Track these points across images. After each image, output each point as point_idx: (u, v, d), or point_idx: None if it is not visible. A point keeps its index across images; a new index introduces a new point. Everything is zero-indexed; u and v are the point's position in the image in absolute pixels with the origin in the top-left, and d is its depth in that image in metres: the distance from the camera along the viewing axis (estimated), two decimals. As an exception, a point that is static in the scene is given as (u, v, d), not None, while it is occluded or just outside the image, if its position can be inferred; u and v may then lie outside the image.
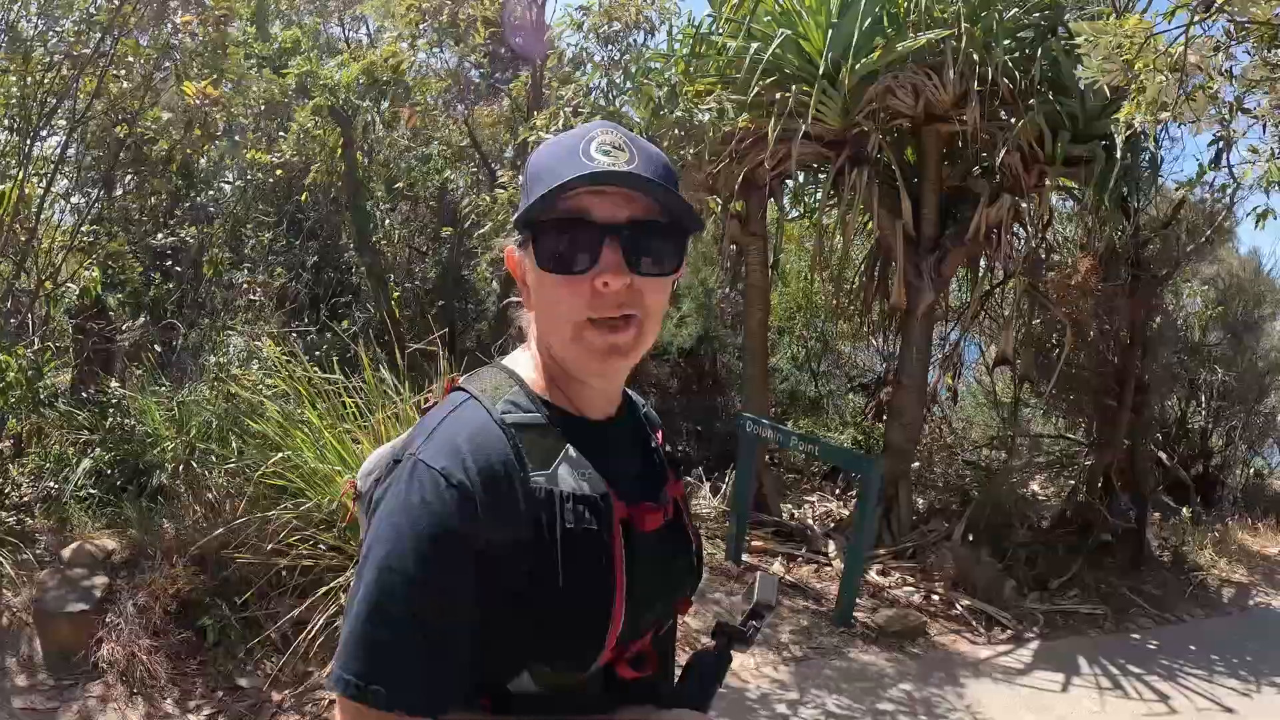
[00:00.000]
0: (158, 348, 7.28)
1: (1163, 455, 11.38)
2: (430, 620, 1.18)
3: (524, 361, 1.40)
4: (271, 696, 4.64)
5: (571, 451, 1.30)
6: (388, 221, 9.98)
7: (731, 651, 1.50)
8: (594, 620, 1.26)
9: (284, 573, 4.92)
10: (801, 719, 5.19)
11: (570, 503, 1.25)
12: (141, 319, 7.67)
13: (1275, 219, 5.86)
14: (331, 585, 4.66)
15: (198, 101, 6.68)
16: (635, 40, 7.16)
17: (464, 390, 1.34)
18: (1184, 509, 10.51)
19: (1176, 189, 9.14)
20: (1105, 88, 7.20)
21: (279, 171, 8.59)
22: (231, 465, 5.43)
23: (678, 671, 1.51)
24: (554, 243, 1.26)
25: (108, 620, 4.68)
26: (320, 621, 4.58)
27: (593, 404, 1.38)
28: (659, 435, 1.57)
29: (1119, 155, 7.14)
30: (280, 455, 5.00)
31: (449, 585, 1.19)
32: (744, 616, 1.58)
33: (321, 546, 4.87)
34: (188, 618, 4.85)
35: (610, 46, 7.09)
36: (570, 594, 1.23)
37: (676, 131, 6.47)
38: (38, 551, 5.16)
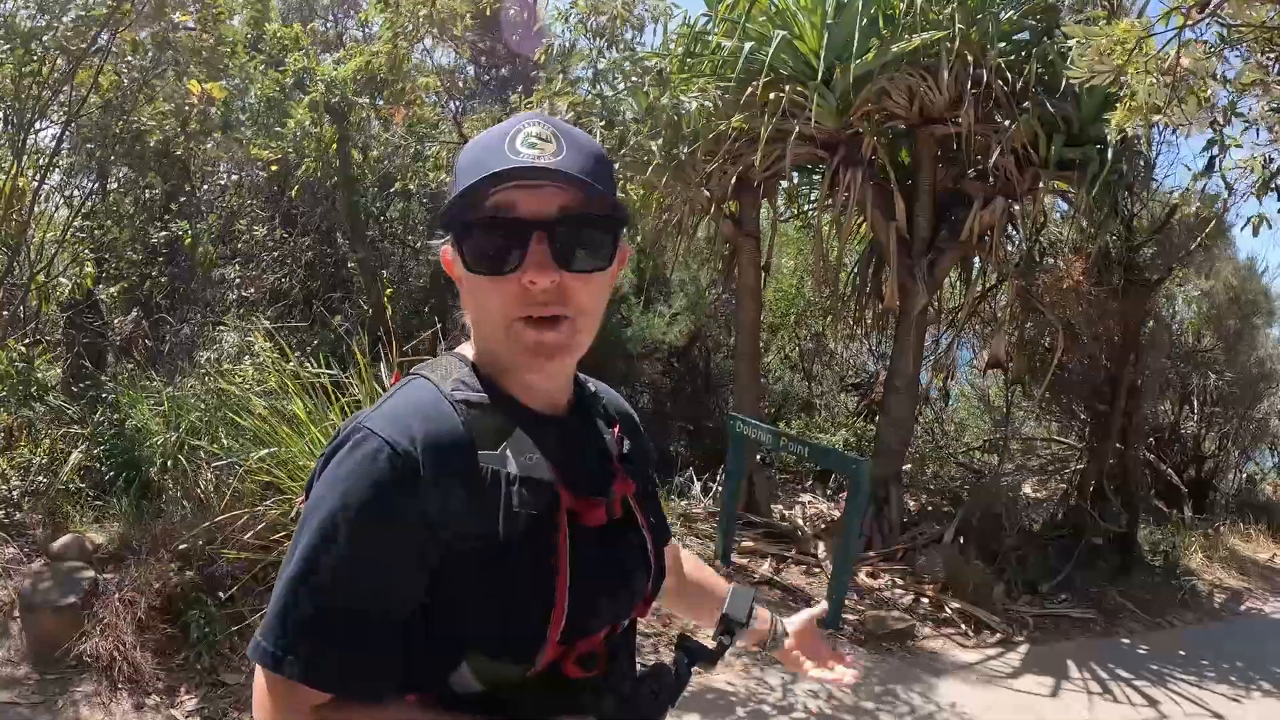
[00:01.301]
0: (149, 342, 7.27)
1: (1155, 459, 11.40)
2: (357, 594, 1.14)
3: (471, 354, 1.37)
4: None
5: (519, 434, 1.26)
6: (382, 218, 9.96)
7: (692, 669, 1.45)
8: (535, 608, 1.22)
9: (270, 569, 4.90)
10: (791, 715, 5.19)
11: (516, 484, 1.21)
12: (134, 313, 7.66)
13: (1270, 227, 5.85)
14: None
15: (199, 102, 6.68)
16: (626, 37, 7.15)
17: (415, 374, 1.32)
18: (1176, 514, 10.53)
19: (1171, 193, 9.16)
20: (1099, 91, 7.31)
21: (273, 167, 8.57)
22: (220, 461, 5.41)
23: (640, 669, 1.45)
24: (479, 242, 1.23)
25: (94, 615, 4.66)
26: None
27: (536, 399, 1.33)
28: (615, 429, 1.50)
29: (1112, 159, 7.16)
30: (266, 451, 4.98)
31: (381, 558, 1.15)
32: (716, 630, 1.55)
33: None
34: (174, 613, 4.83)
35: (599, 40, 7.07)
36: (512, 579, 1.20)
37: (668, 131, 6.46)
38: (26, 546, 5.15)
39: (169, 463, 5.70)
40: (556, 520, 1.24)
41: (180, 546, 4.97)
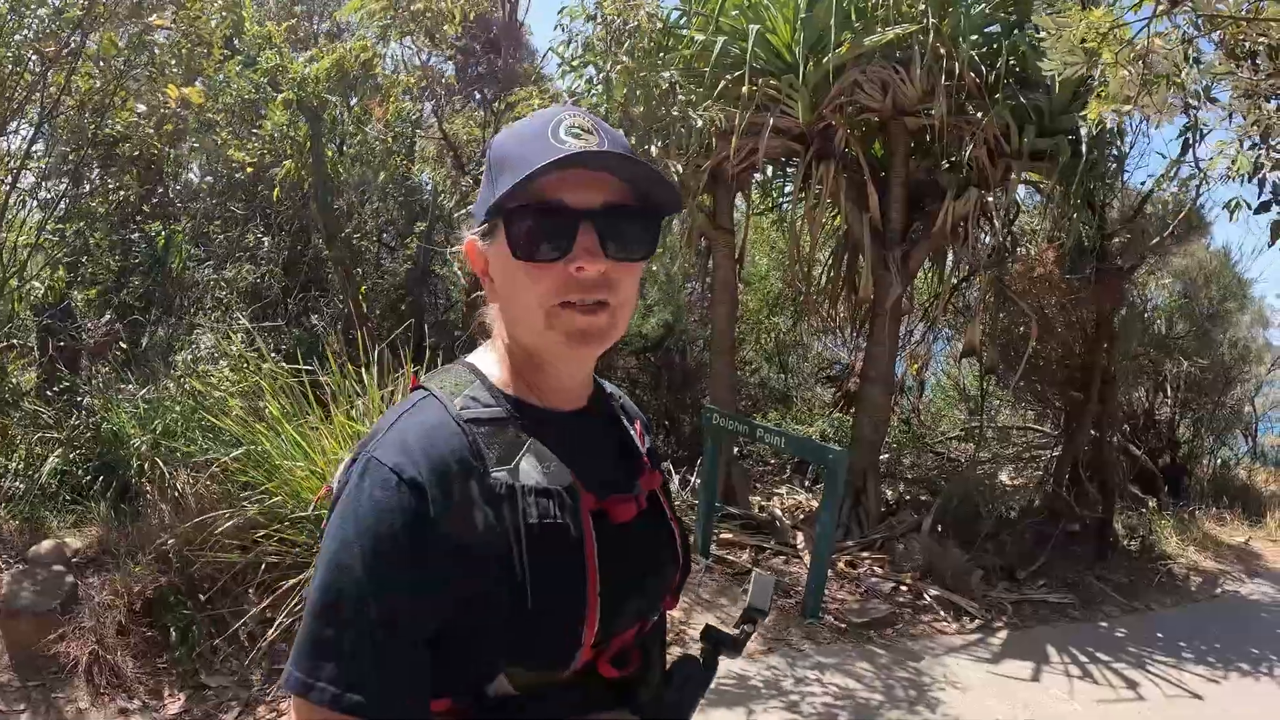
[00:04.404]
0: (123, 345, 7.22)
1: (1130, 446, 11.49)
2: (380, 619, 1.15)
3: (488, 358, 1.37)
4: (238, 695, 4.63)
5: (535, 445, 1.27)
6: (356, 216, 9.93)
7: (719, 658, 1.47)
8: (567, 616, 1.22)
9: (249, 570, 4.90)
10: (766, 713, 5.22)
11: (533, 496, 1.22)
12: (108, 316, 7.61)
13: (1248, 211, 5.89)
14: (296, 581, 4.64)
15: (176, 105, 6.64)
16: (635, 43, 7.14)
17: (424, 388, 1.31)
18: (1151, 499, 10.63)
19: (1143, 183, 9.25)
20: (1070, 82, 7.36)
21: (249, 169, 8.53)
22: (197, 462, 5.40)
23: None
24: (526, 229, 1.23)
25: (74, 619, 4.65)
26: (285, 619, 4.56)
27: (560, 395, 1.35)
28: (637, 426, 1.53)
29: (1085, 149, 7.21)
30: (240, 450, 4.97)
31: (399, 584, 1.16)
32: (738, 619, 1.55)
33: (286, 543, 4.85)
34: (154, 616, 4.82)
35: (614, 44, 7.05)
36: (539, 590, 1.19)
37: (657, 125, 6.48)
38: (4, 551, 5.11)
39: (146, 466, 5.68)
40: (581, 525, 1.25)
41: (159, 549, 4.96)
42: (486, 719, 1.23)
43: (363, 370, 5.39)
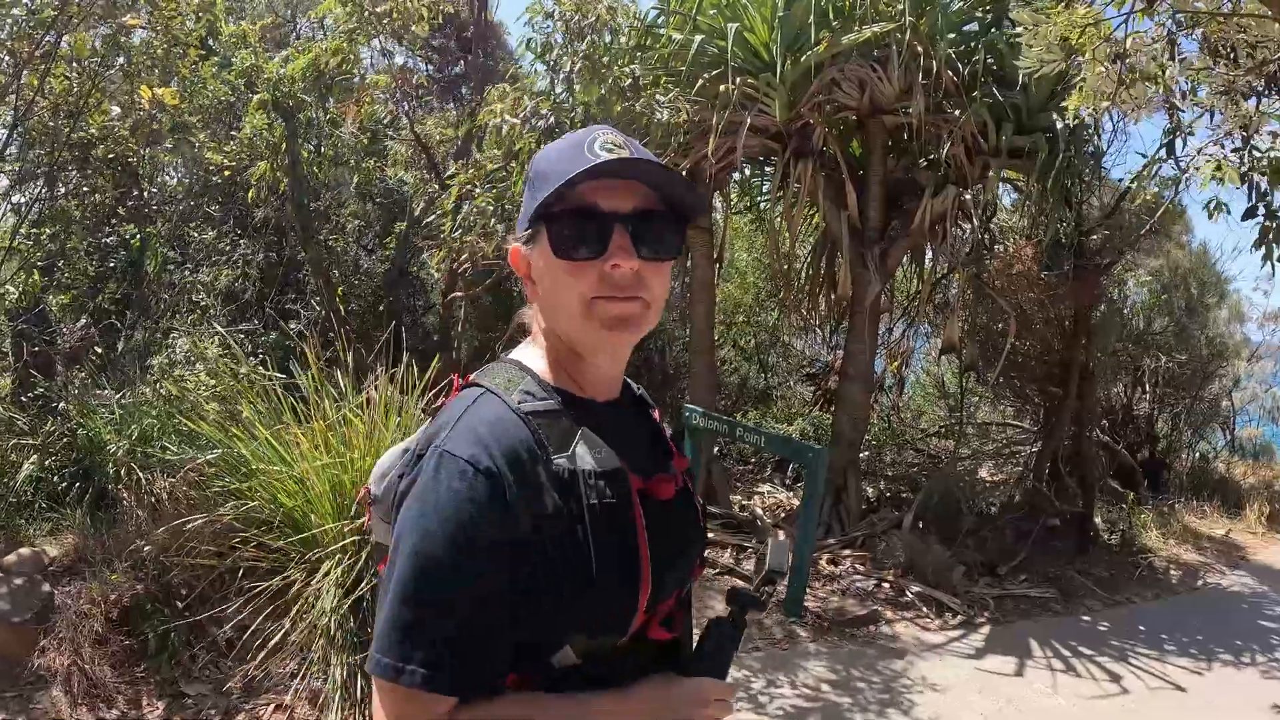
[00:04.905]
0: (99, 350, 7.16)
1: (1109, 441, 11.55)
2: (465, 603, 1.24)
3: (532, 354, 1.47)
4: (217, 703, 4.59)
5: (586, 433, 1.37)
6: (334, 218, 9.88)
7: (746, 617, 1.56)
8: (625, 587, 1.33)
9: (227, 576, 4.85)
10: (767, 710, 5.21)
11: (592, 479, 1.32)
12: (83, 320, 7.54)
13: (1228, 213, 5.91)
14: (273, 586, 4.60)
15: (150, 107, 6.58)
16: (597, 39, 7.11)
17: (478, 385, 1.40)
18: (1131, 493, 10.68)
19: (1120, 180, 9.30)
20: (1048, 80, 7.41)
21: (226, 172, 8.47)
22: (173, 467, 5.34)
23: (696, 634, 1.57)
24: (566, 231, 1.35)
25: (51, 629, 4.60)
26: (264, 624, 4.52)
27: (598, 386, 1.46)
28: (656, 414, 1.67)
29: (1062, 147, 7.24)
30: (215, 454, 4.93)
31: (482, 569, 1.24)
32: (758, 582, 1.64)
33: (263, 548, 4.80)
34: (131, 624, 4.77)
35: (579, 43, 7.02)
36: (603, 565, 1.30)
37: (625, 120, 6.44)
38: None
39: (123, 472, 5.62)
40: (631, 504, 1.36)
41: (135, 556, 4.91)
42: (553, 688, 1.33)
43: (339, 373, 5.35)
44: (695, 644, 1.52)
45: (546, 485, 1.29)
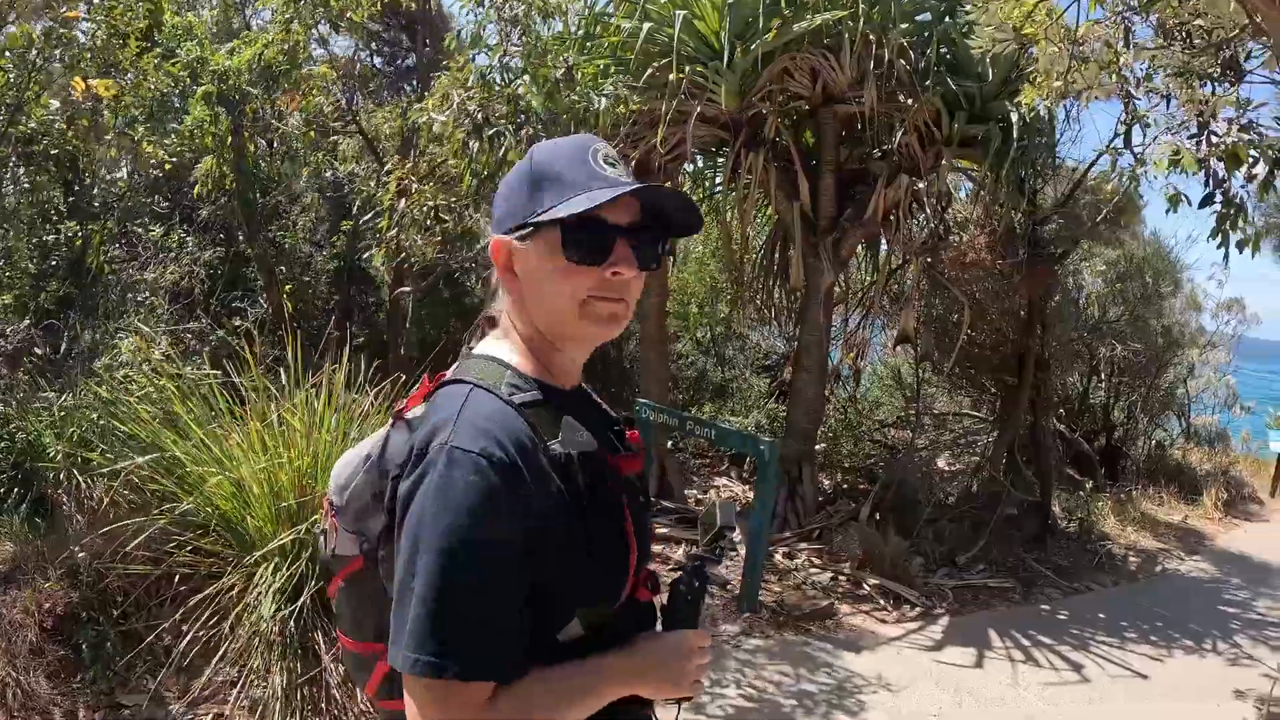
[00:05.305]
0: (39, 351, 6.96)
1: (1066, 429, 11.61)
2: (493, 591, 1.30)
3: (504, 348, 1.53)
4: (154, 713, 4.46)
5: (567, 419, 1.44)
6: (285, 214, 9.71)
7: (705, 571, 1.65)
8: (618, 557, 1.45)
9: (163, 582, 4.72)
10: (706, 710, 5.14)
11: (579, 462, 1.40)
12: (26, 321, 7.34)
13: (1190, 204, 5.87)
14: (209, 592, 4.47)
15: (84, 100, 6.40)
16: (534, 22, 6.98)
17: (462, 382, 1.46)
18: (1088, 481, 10.74)
19: (1074, 169, 9.31)
20: (1001, 69, 7.40)
21: (167, 167, 8.29)
22: (110, 471, 5.18)
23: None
24: (580, 238, 1.43)
25: (-18, 639, 4.45)
26: (201, 632, 4.39)
27: (567, 375, 1.55)
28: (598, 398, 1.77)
29: (1016, 136, 7.23)
30: (149, 458, 4.78)
31: (505, 557, 1.31)
32: (709, 539, 1.72)
33: (200, 553, 4.67)
34: (66, 634, 4.62)
35: (510, 26, 6.90)
36: (601, 538, 1.41)
37: (567, 116, 6.34)
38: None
39: (63, 476, 5.46)
40: (614, 478, 1.49)
41: (70, 563, 4.76)
42: (564, 659, 1.41)
43: (283, 371, 5.22)
44: (665, 606, 1.61)
45: (548, 471, 1.36)
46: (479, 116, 6.13)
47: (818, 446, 9.09)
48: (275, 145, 9.81)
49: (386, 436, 1.54)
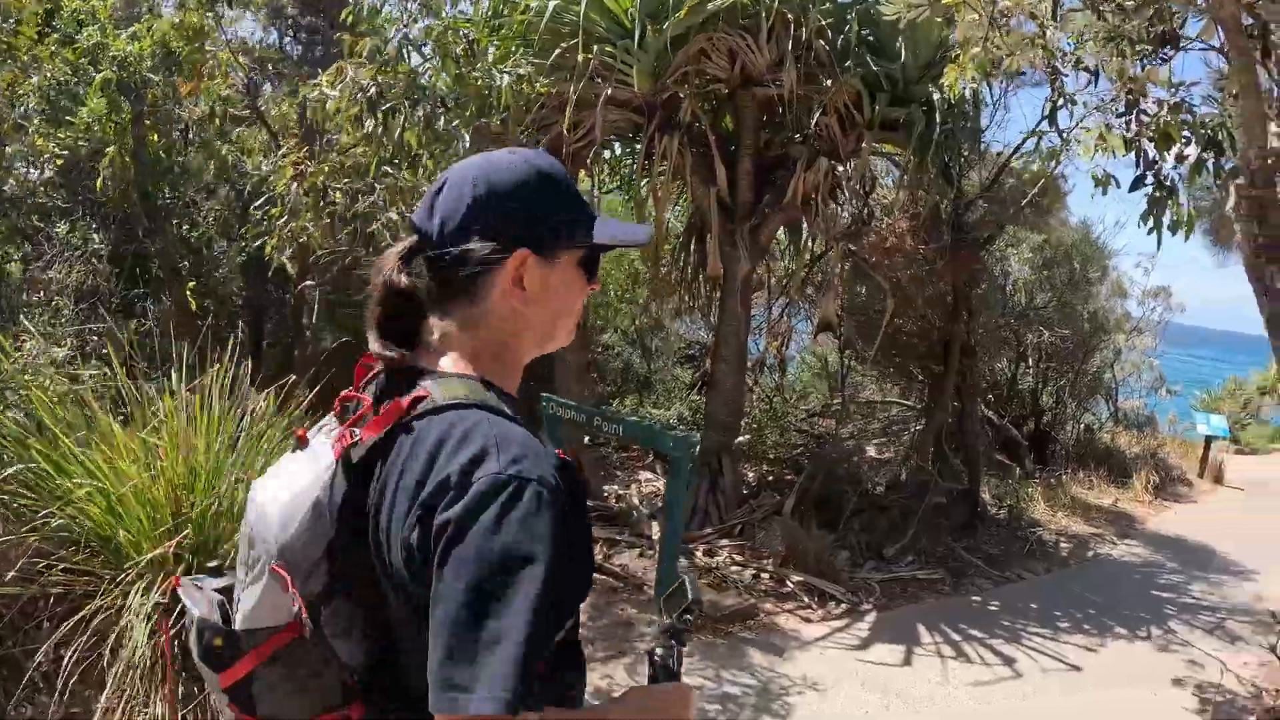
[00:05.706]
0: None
1: (994, 415, 11.59)
2: (566, 618, 1.34)
3: (463, 364, 1.44)
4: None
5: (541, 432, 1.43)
6: (193, 207, 9.32)
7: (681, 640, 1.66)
8: (591, 562, 1.45)
9: (38, 602, 4.39)
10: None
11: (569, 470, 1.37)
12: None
13: (1118, 186, 5.75)
14: (85, 612, 4.15)
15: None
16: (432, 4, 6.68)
17: (461, 405, 1.35)
18: (1017, 467, 10.71)
19: (999, 154, 9.25)
20: (924, 51, 7.25)
21: (59, 162, 7.88)
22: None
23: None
24: (595, 259, 1.54)
25: None
26: (81, 655, 4.08)
27: (515, 384, 1.53)
28: None
29: (939, 119, 7.11)
30: (13, 469, 4.44)
31: (584, 579, 1.39)
32: (678, 614, 1.67)
33: (73, 572, 4.35)
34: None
35: (412, 3, 6.60)
36: (585, 545, 1.40)
37: (476, 103, 6.05)
38: None
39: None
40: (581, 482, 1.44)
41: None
42: (552, 664, 1.33)
43: (173, 374, 4.90)
44: (652, 670, 1.59)
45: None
46: (373, 92, 5.80)
47: (742, 438, 8.91)
48: (189, 135, 9.42)
49: (332, 476, 1.35)
